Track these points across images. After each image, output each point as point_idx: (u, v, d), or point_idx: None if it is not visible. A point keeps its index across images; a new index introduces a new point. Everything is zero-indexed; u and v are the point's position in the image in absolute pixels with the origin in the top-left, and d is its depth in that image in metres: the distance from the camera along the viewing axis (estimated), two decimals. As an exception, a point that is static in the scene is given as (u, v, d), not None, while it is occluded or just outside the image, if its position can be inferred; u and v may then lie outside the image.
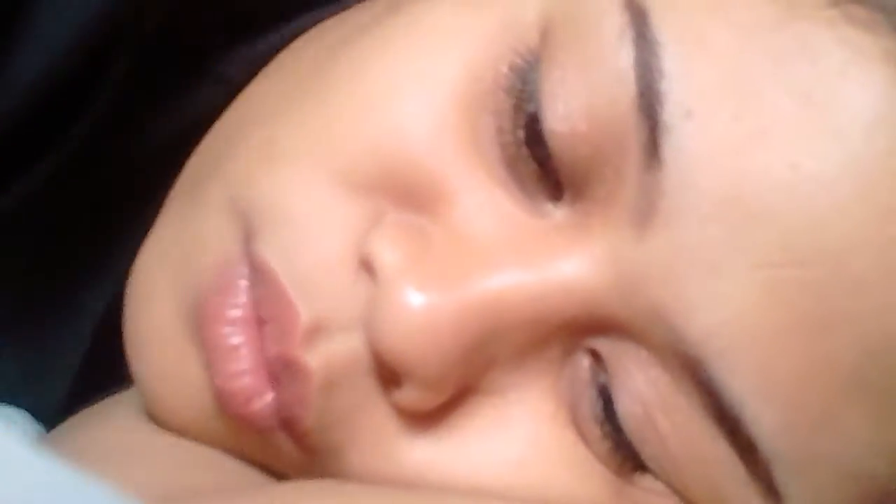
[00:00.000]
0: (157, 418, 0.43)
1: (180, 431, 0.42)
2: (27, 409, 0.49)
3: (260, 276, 0.39)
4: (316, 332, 0.38)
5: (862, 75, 0.36)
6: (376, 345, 0.37)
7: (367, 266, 0.38)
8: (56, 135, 0.46)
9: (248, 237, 0.40)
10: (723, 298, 0.36)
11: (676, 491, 0.38)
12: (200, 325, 0.40)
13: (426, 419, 0.39)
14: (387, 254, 0.37)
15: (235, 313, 0.39)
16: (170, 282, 0.42)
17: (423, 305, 0.36)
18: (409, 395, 0.38)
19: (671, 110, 0.36)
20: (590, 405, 0.38)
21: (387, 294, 0.37)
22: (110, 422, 0.46)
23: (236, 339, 0.39)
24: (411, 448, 0.39)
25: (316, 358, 0.38)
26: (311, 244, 0.39)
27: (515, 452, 0.38)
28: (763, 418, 0.36)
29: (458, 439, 0.38)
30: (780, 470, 0.37)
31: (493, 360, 0.38)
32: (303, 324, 0.38)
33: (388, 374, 0.38)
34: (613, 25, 0.37)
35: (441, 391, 0.38)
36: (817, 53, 0.36)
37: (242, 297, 0.39)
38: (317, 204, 0.39)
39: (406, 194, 0.38)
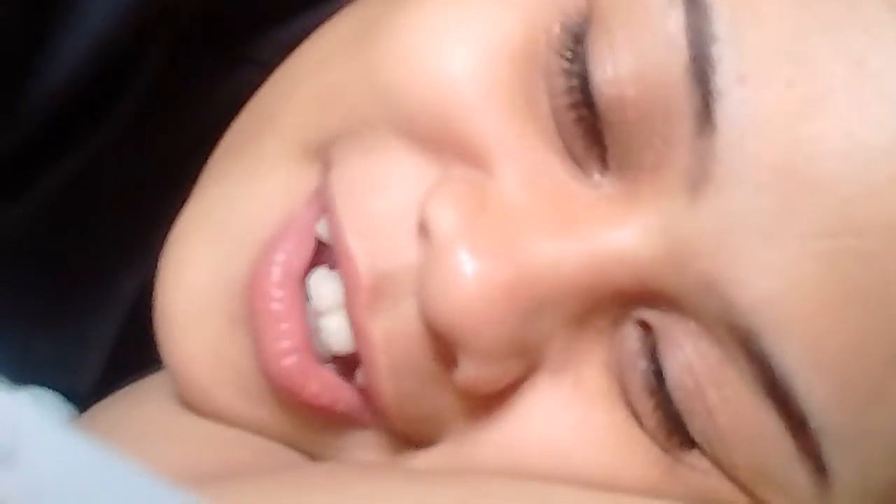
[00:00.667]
0: (190, 403, 0.42)
1: (215, 418, 0.41)
2: (62, 392, 0.49)
3: (328, 212, 0.39)
4: (377, 296, 0.37)
5: None
6: (428, 313, 0.36)
7: (423, 228, 0.37)
8: (98, 117, 0.45)
9: (323, 172, 0.40)
10: (776, 268, 0.35)
11: (721, 467, 0.38)
12: (255, 283, 0.39)
13: (492, 405, 0.38)
14: (443, 217, 0.37)
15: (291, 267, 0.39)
16: (217, 247, 0.41)
17: (475, 273, 0.36)
18: (466, 372, 0.37)
19: (724, 75, 0.35)
20: (641, 376, 0.38)
21: (439, 260, 0.36)
22: (141, 404, 0.45)
23: (286, 306, 0.39)
24: (474, 439, 0.38)
25: (380, 330, 0.37)
26: (377, 191, 0.38)
27: (569, 437, 0.38)
28: (814, 391, 0.35)
29: (517, 425, 0.38)
30: (828, 445, 0.36)
31: (545, 333, 0.37)
32: (365, 284, 0.37)
33: (445, 350, 0.37)
34: None
35: (497, 365, 0.37)
36: (870, 20, 0.35)
37: (304, 250, 0.39)
38: (385, 152, 0.39)
39: (464, 149, 0.38)
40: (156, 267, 0.43)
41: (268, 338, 0.39)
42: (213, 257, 0.41)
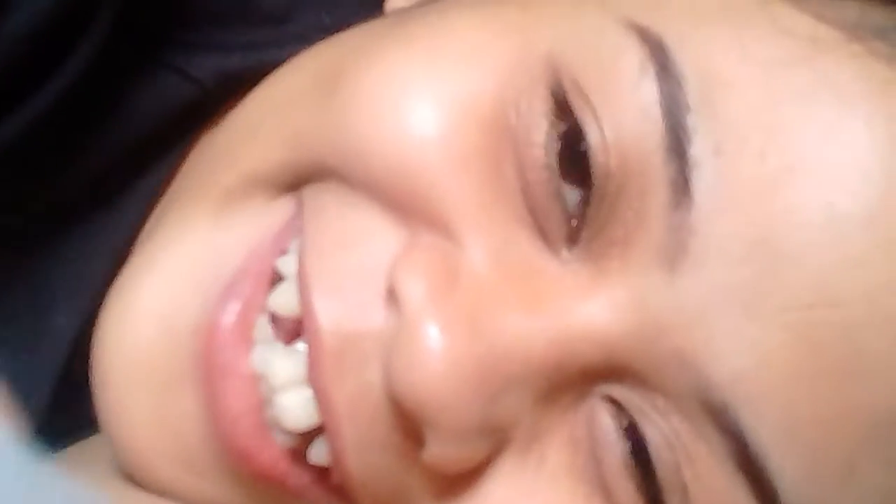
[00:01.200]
0: (131, 474, 0.40)
1: (160, 491, 0.40)
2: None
3: (297, 267, 0.38)
4: (341, 359, 0.36)
5: (890, 111, 0.35)
6: (395, 388, 0.35)
7: (392, 295, 0.36)
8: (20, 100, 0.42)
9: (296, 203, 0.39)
10: (752, 342, 0.34)
11: None
12: (212, 328, 0.38)
13: (458, 485, 0.37)
14: (413, 288, 0.36)
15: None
16: (169, 289, 0.39)
17: (444, 350, 0.35)
18: (433, 451, 0.36)
19: (700, 146, 0.35)
20: (618, 455, 0.37)
21: (408, 333, 0.35)
22: (81, 473, 0.42)
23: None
24: None
25: (343, 398, 0.36)
26: (346, 248, 0.38)
27: None
28: (786, 467, 0.35)
29: None
30: None
31: (513, 411, 0.37)
32: (328, 344, 0.36)
33: (411, 426, 0.36)
34: (633, 60, 0.36)
35: (465, 445, 0.36)
36: (843, 89, 0.35)
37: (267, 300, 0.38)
38: (351, 206, 0.38)
39: (431, 215, 0.37)
40: (92, 302, 0.42)
41: (220, 393, 0.38)
42: (159, 307, 0.39)
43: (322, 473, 0.39)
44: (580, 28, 0.38)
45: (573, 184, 0.37)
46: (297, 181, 0.39)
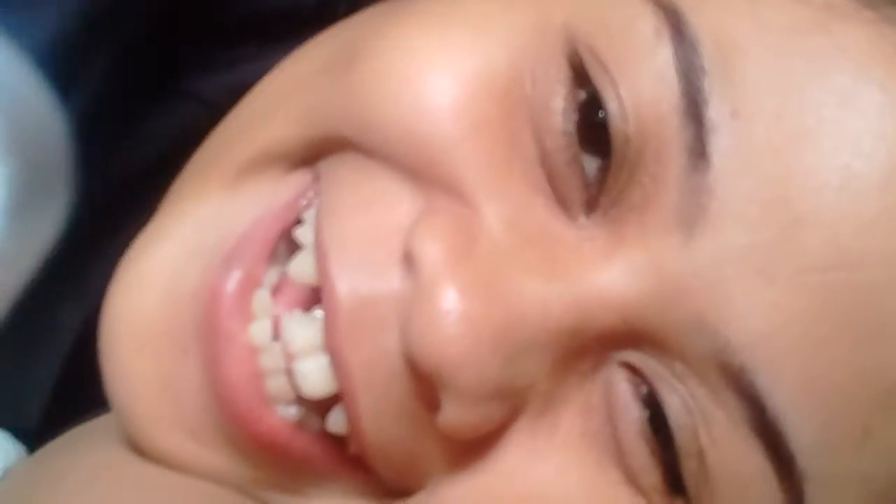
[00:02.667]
0: (136, 444, 0.40)
1: (164, 461, 0.39)
2: (8, 422, 0.46)
3: (314, 236, 0.38)
4: (357, 323, 0.36)
5: None
6: (411, 350, 0.35)
7: (409, 259, 0.36)
8: None
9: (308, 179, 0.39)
10: (771, 304, 0.35)
11: None
12: (214, 291, 0.38)
13: (473, 452, 0.37)
14: (430, 251, 0.36)
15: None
16: (176, 254, 0.39)
17: (462, 313, 0.35)
18: (449, 414, 0.36)
19: (716, 109, 0.35)
20: (635, 421, 0.37)
21: (426, 296, 0.35)
22: (89, 449, 0.43)
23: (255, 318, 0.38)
24: (453, 487, 0.37)
25: (359, 363, 0.36)
26: (362, 211, 0.37)
27: (546, 485, 0.37)
28: (804, 432, 0.35)
29: (495, 474, 0.37)
30: (812, 486, 0.36)
31: (529, 377, 0.37)
32: (344, 307, 0.36)
33: (427, 391, 0.36)
34: (648, 25, 0.36)
35: (480, 408, 0.36)
36: (858, 55, 0.35)
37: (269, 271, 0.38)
38: (369, 174, 0.38)
39: (447, 183, 0.37)
40: (97, 300, 0.41)
41: (222, 359, 0.38)
42: (168, 267, 0.40)
43: (329, 443, 0.39)
44: None
45: (591, 151, 0.37)
46: (312, 155, 0.39)
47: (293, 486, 0.39)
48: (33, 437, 0.45)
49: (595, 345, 0.37)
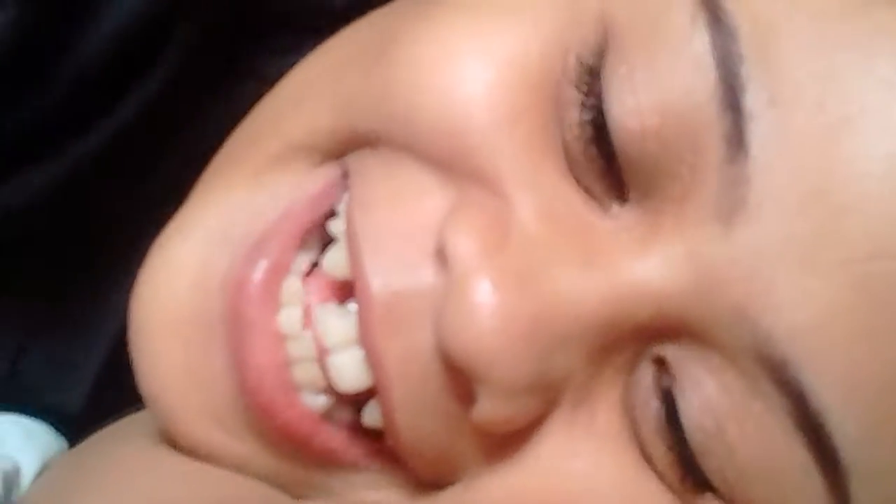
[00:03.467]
0: (167, 435, 0.40)
1: (195, 453, 0.40)
2: (51, 408, 0.47)
3: (345, 229, 0.38)
4: (391, 318, 0.36)
5: None
6: (446, 345, 0.35)
7: (441, 254, 0.36)
8: (114, 101, 0.44)
9: (343, 173, 0.39)
10: (812, 295, 0.34)
11: None
12: (240, 282, 0.38)
13: (507, 446, 0.37)
14: (464, 245, 0.35)
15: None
16: (204, 244, 0.40)
17: (497, 306, 0.34)
18: (484, 409, 0.35)
19: (754, 97, 0.34)
20: (654, 416, 0.37)
21: (460, 290, 0.35)
22: (123, 444, 0.43)
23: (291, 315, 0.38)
24: (487, 482, 0.37)
25: (394, 358, 0.36)
26: (393, 206, 0.37)
27: (580, 481, 0.37)
28: (848, 426, 0.34)
29: (529, 468, 0.37)
30: (857, 482, 0.35)
31: (565, 370, 0.36)
32: (377, 301, 0.36)
33: (462, 385, 0.36)
34: (684, 12, 0.36)
35: (515, 402, 0.36)
36: None
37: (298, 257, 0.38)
38: (399, 169, 0.37)
39: (479, 174, 0.37)
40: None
41: (247, 349, 0.38)
42: (196, 256, 0.40)
43: (360, 436, 0.39)
44: None
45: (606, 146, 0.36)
46: (342, 148, 0.39)
47: (318, 478, 0.39)
48: (76, 425, 0.46)
49: (632, 338, 0.36)
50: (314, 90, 0.41)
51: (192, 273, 0.39)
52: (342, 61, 0.41)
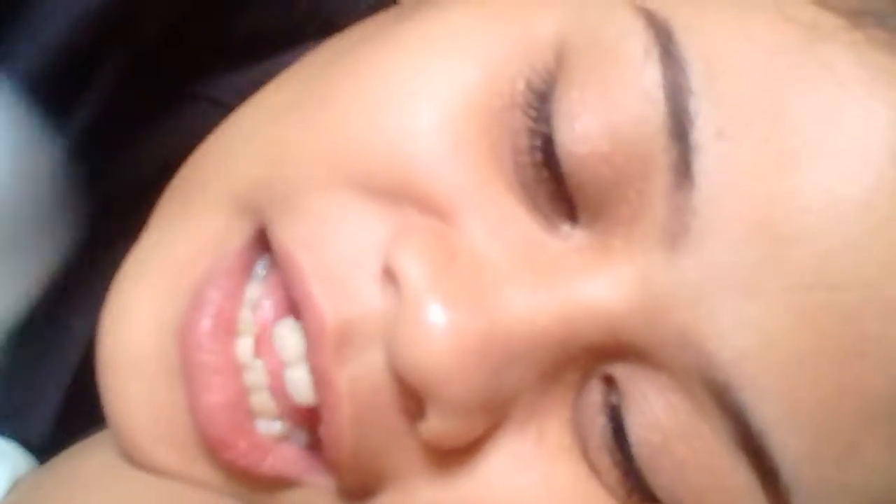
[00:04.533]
0: (130, 458, 0.41)
1: (156, 473, 0.40)
2: (14, 436, 0.47)
3: (281, 262, 0.38)
4: (343, 344, 0.37)
5: (889, 97, 0.35)
6: (399, 364, 0.36)
7: (390, 276, 0.36)
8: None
9: (260, 228, 0.39)
10: (754, 322, 0.35)
11: None
12: (187, 331, 0.38)
13: (452, 460, 0.37)
14: (412, 266, 0.36)
15: (243, 312, 0.38)
16: (155, 293, 0.40)
17: (447, 326, 0.35)
18: (433, 425, 0.36)
19: (702, 130, 0.35)
20: (600, 433, 0.37)
21: (411, 311, 0.35)
22: (88, 460, 0.44)
23: (241, 350, 0.38)
24: (432, 493, 0.38)
25: (345, 380, 0.37)
26: (333, 238, 0.37)
27: (530, 494, 0.38)
28: (788, 447, 0.35)
29: (477, 482, 0.38)
30: (799, 500, 0.36)
31: (515, 387, 0.37)
32: (330, 330, 0.37)
33: (412, 401, 0.37)
34: (638, 44, 0.36)
35: (466, 419, 0.36)
36: (843, 76, 0.36)
37: (247, 289, 0.38)
38: (336, 203, 0.38)
39: (425, 202, 0.37)
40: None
41: (198, 391, 0.38)
42: (150, 305, 0.40)
43: (311, 452, 0.39)
44: (587, 9, 0.38)
45: (555, 169, 0.37)
46: (268, 198, 0.39)
47: (270, 496, 0.40)
48: (42, 453, 0.46)
49: (582, 356, 0.37)
50: (253, 134, 0.41)
51: (148, 321, 0.40)
52: (281, 106, 0.41)
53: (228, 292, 0.39)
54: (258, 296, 0.40)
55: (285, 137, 0.40)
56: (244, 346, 0.39)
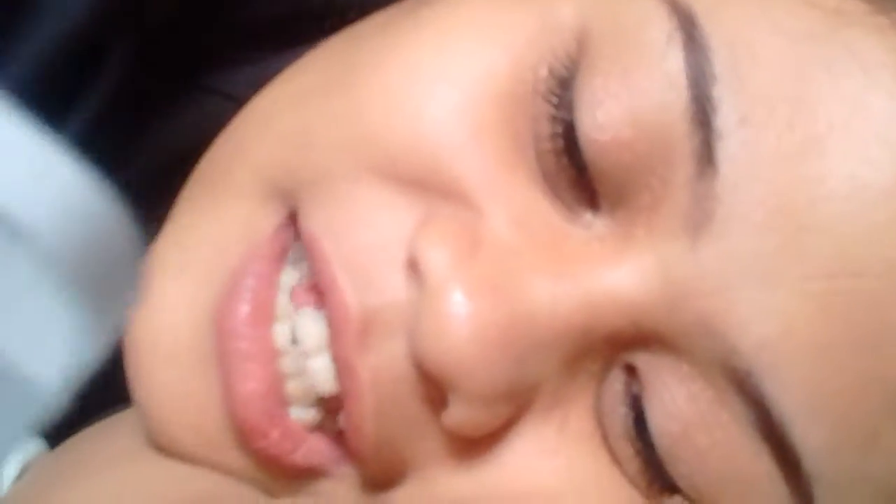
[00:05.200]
0: (156, 443, 0.41)
1: (186, 460, 0.40)
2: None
3: (307, 252, 0.38)
4: (366, 333, 0.36)
5: None
6: (421, 354, 0.35)
7: (413, 266, 0.36)
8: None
9: (291, 213, 0.39)
10: (777, 310, 0.35)
11: None
12: (223, 318, 0.38)
13: (475, 449, 0.37)
14: (435, 256, 0.36)
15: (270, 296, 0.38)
16: (188, 279, 0.40)
17: (470, 316, 0.35)
18: (456, 414, 0.36)
19: (725, 116, 0.35)
20: (621, 422, 0.37)
21: (433, 301, 0.35)
22: (109, 440, 0.43)
23: (260, 341, 0.38)
24: (456, 481, 0.37)
25: (367, 368, 0.36)
26: (359, 227, 0.37)
27: (552, 482, 0.37)
28: (810, 436, 0.35)
29: (500, 470, 0.37)
30: (821, 488, 0.36)
31: (537, 376, 0.37)
32: (353, 318, 0.36)
33: (434, 391, 0.36)
34: (661, 30, 0.36)
35: (489, 408, 0.36)
36: (868, 62, 0.35)
37: (281, 277, 0.38)
38: (362, 192, 0.38)
39: (449, 190, 0.37)
40: None
41: (234, 378, 0.38)
42: (183, 291, 0.40)
43: (338, 441, 0.39)
44: None
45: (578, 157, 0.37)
46: (297, 183, 0.39)
47: (296, 484, 0.40)
48: (51, 436, 0.46)
49: (604, 345, 0.37)
50: (276, 120, 0.41)
51: (182, 307, 0.40)
52: (305, 91, 0.41)
53: (264, 278, 0.39)
54: (293, 282, 0.40)
55: (309, 124, 0.39)
56: (281, 332, 0.39)
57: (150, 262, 0.41)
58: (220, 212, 0.41)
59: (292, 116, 0.40)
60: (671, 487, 0.37)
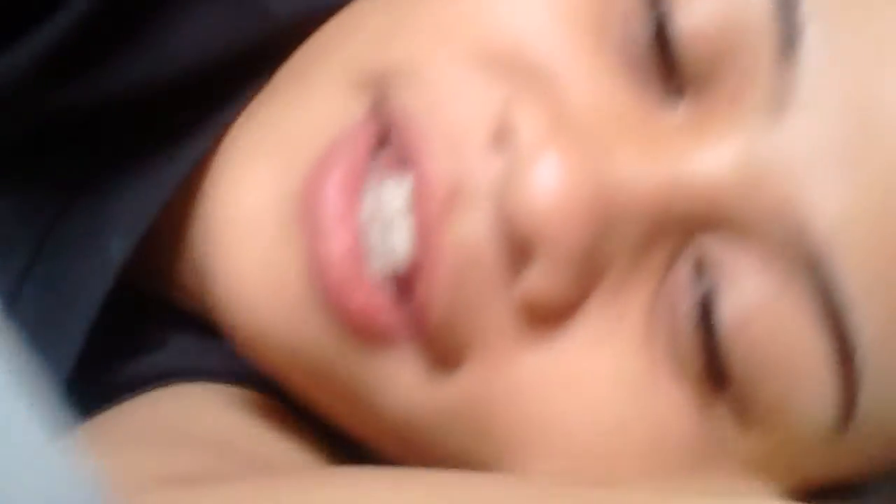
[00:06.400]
0: (231, 319, 0.40)
1: (258, 335, 0.40)
2: (41, 359, 0.46)
3: (394, 129, 0.38)
4: (450, 200, 0.37)
5: None
6: (512, 210, 0.36)
7: (504, 134, 0.37)
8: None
9: (378, 101, 0.39)
10: (850, 194, 0.36)
11: (750, 404, 0.38)
12: (313, 185, 0.38)
13: (537, 333, 0.38)
14: (531, 120, 0.37)
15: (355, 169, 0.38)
16: (275, 164, 0.40)
17: (564, 178, 0.36)
18: (535, 280, 0.36)
19: (807, 9, 0.36)
20: (684, 311, 0.38)
21: (529, 161, 0.36)
22: (127, 416, 0.44)
23: (347, 206, 0.38)
24: (517, 363, 0.38)
25: (448, 234, 0.37)
26: (450, 104, 0.38)
27: (600, 373, 0.38)
28: (868, 325, 0.36)
29: (554, 356, 0.38)
30: (866, 382, 0.37)
31: (611, 254, 0.37)
32: (438, 184, 0.37)
33: (512, 263, 0.37)
34: None
35: (567, 274, 0.37)
36: None
37: (363, 152, 0.38)
38: (452, 73, 0.38)
39: (538, 72, 0.38)
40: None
41: (319, 240, 0.38)
42: (270, 172, 0.40)
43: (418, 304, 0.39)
44: None
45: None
46: (386, 74, 0.39)
47: (368, 359, 0.39)
48: (67, 385, 0.44)
49: (677, 227, 0.37)
50: (368, 17, 0.42)
51: (270, 188, 0.40)
52: None
53: (354, 154, 0.39)
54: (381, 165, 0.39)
55: (400, 18, 0.40)
56: (367, 204, 0.39)
57: (232, 150, 0.42)
58: (310, 100, 0.41)
59: (384, 15, 0.41)
60: (723, 382, 0.38)
